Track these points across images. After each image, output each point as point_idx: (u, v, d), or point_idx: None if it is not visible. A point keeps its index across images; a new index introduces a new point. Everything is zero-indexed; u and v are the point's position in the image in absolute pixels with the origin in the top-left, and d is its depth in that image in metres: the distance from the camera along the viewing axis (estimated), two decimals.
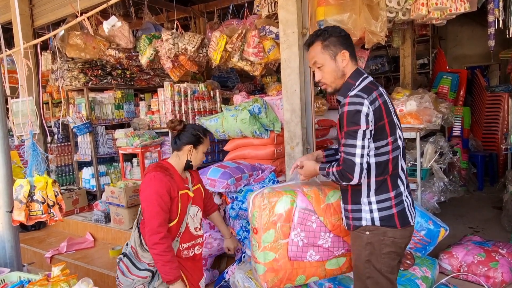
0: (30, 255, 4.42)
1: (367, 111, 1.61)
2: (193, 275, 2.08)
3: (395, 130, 1.70)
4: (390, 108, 1.72)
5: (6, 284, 1.90)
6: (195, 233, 2.09)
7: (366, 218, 1.73)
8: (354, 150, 1.62)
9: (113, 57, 4.86)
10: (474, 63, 7.34)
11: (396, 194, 1.71)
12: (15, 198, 2.19)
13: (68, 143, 5.70)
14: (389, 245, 1.72)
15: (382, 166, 1.69)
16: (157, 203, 1.86)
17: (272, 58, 3.85)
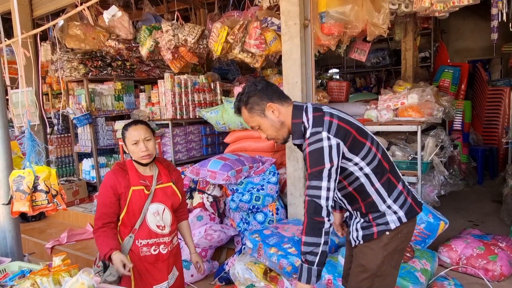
0: (31, 246, 4.44)
1: (328, 144, 1.52)
2: (147, 278, 2.03)
3: (366, 132, 1.66)
4: (347, 117, 1.66)
5: (7, 274, 1.90)
6: (159, 231, 2.04)
7: (393, 220, 1.65)
8: (319, 192, 1.52)
9: (113, 48, 4.83)
10: (476, 57, 7.31)
11: (403, 184, 1.72)
12: (16, 189, 2.18)
13: (68, 135, 5.69)
14: (403, 242, 1.70)
15: (379, 168, 1.64)
16: (99, 196, 2.02)
17: (274, 50, 3.82)
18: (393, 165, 1.72)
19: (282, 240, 2.73)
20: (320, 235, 1.52)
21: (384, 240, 1.66)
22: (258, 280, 2.67)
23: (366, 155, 1.61)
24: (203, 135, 5.03)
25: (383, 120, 3.51)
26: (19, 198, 2.18)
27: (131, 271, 1.97)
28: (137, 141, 1.98)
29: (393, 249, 1.68)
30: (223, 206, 3.63)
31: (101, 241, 1.94)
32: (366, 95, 5.77)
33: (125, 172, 2.02)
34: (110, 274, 1.95)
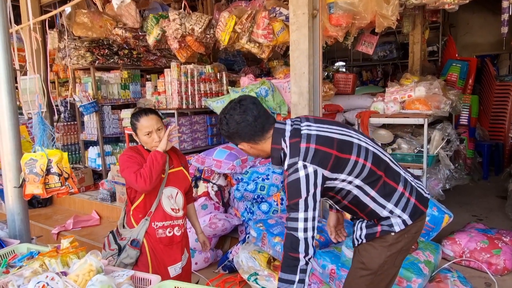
0: (38, 231, 4.49)
1: (304, 173, 1.46)
2: (163, 259, 2.08)
3: (350, 145, 1.56)
4: (328, 133, 1.56)
5: (16, 255, 1.94)
6: (173, 214, 2.08)
7: (398, 223, 1.60)
8: (295, 224, 1.48)
9: (120, 36, 4.83)
10: (484, 52, 7.23)
11: (404, 184, 1.62)
12: (29, 172, 2.20)
13: (74, 122, 5.73)
14: (410, 241, 1.67)
15: (371, 177, 1.56)
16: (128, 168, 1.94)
17: (281, 40, 3.81)
18: (389, 167, 1.62)
19: None
20: (295, 273, 1.49)
21: (389, 240, 1.62)
22: (262, 269, 2.70)
23: (353, 169, 1.54)
24: (208, 125, 5.04)
25: (389, 112, 3.50)
26: (33, 181, 2.21)
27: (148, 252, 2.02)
28: (150, 132, 1.99)
29: (399, 250, 1.64)
30: (227, 196, 3.65)
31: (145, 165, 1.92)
32: (373, 88, 5.75)
33: (141, 155, 2.04)
34: (127, 256, 2.00)
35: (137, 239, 2.02)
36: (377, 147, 1.67)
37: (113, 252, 2.06)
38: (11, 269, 1.82)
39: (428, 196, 1.70)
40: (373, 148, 1.62)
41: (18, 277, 1.59)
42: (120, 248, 2.05)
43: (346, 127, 1.66)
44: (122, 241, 2.06)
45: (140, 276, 1.64)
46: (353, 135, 1.62)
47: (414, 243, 1.77)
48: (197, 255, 3.23)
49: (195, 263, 3.20)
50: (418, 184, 1.71)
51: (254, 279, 2.64)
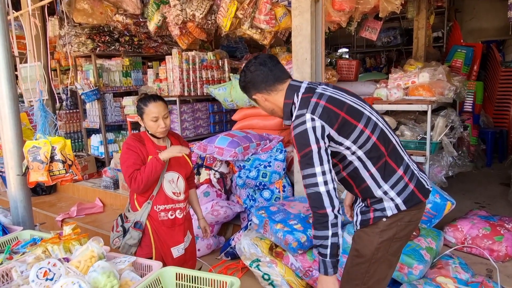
0: (42, 218, 4.53)
1: (312, 125, 1.46)
2: (166, 240, 2.14)
3: (360, 113, 1.56)
4: (341, 98, 1.58)
5: (19, 242, 1.95)
6: (175, 197, 2.15)
7: (391, 207, 1.58)
8: (315, 180, 1.47)
9: (121, 23, 4.78)
10: (490, 37, 7.11)
11: (405, 169, 1.60)
12: (33, 159, 2.21)
13: (76, 110, 5.73)
14: (403, 230, 1.63)
15: (374, 152, 1.55)
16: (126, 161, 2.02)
17: (283, 26, 3.76)
18: (394, 149, 1.60)
19: (288, 217, 2.75)
20: (327, 228, 1.49)
21: (380, 226, 1.61)
22: (264, 255, 2.71)
23: (358, 138, 1.52)
24: (210, 112, 5.02)
25: (393, 99, 3.46)
26: (37, 168, 2.22)
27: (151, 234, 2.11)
28: (157, 118, 2.05)
29: (391, 237, 1.62)
30: (229, 183, 3.65)
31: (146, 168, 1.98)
32: (376, 75, 5.69)
33: (142, 142, 2.11)
34: (130, 237, 2.09)
35: (140, 221, 2.10)
36: (387, 126, 1.66)
37: (119, 233, 2.16)
38: (14, 255, 1.83)
39: (429, 188, 1.67)
40: (382, 125, 1.61)
41: (21, 263, 1.61)
42: (125, 230, 2.14)
43: (362, 100, 1.66)
44: (126, 224, 2.14)
45: (141, 262, 1.65)
46: (365, 107, 1.62)
47: (410, 234, 1.70)
48: (200, 241, 3.26)
49: (197, 250, 3.22)
50: (421, 175, 1.68)
51: (256, 266, 2.66)
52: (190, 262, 2.30)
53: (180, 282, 1.55)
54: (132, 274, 1.53)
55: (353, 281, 1.70)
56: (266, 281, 2.61)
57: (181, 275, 1.55)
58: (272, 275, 2.59)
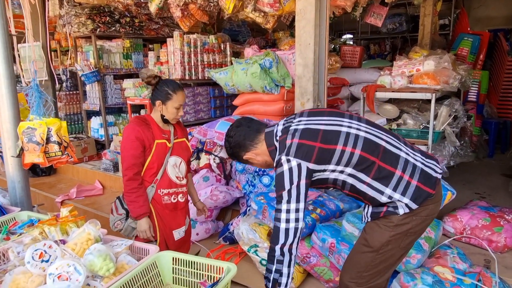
0: (41, 199, 4.55)
1: (288, 167, 1.51)
2: (169, 222, 2.20)
3: (337, 134, 1.55)
4: (316, 126, 1.57)
5: (17, 222, 1.94)
6: (178, 181, 2.20)
7: (402, 206, 1.56)
8: (279, 215, 1.54)
9: (121, 3, 4.68)
10: (497, 26, 6.98)
11: (404, 167, 1.55)
12: (28, 141, 2.18)
13: (76, 92, 5.68)
14: (419, 225, 1.61)
15: (363, 164, 1.54)
16: (126, 148, 2.05)
17: (287, 10, 3.68)
18: (385, 151, 1.56)
19: None
20: (272, 262, 1.56)
21: (394, 221, 1.59)
22: (262, 241, 2.71)
23: (340, 159, 1.53)
24: (211, 97, 4.97)
25: (396, 86, 3.41)
26: (33, 150, 2.20)
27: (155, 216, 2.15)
28: (180, 106, 2.11)
29: (404, 231, 1.60)
30: (229, 168, 3.64)
31: (134, 199, 2.06)
32: (380, 62, 5.61)
33: (148, 125, 2.12)
34: (133, 221, 2.13)
35: None
36: (373, 131, 1.61)
37: (121, 216, 2.19)
38: (11, 236, 1.83)
39: (438, 176, 1.61)
40: (366, 134, 1.58)
41: (18, 244, 1.60)
42: (128, 212, 2.16)
43: (341, 116, 1.64)
44: None
45: (138, 246, 1.65)
46: (343, 124, 1.59)
47: (425, 228, 1.67)
48: (199, 226, 3.26)
49: (196, 234, 3.23)
50: (427, 163, 1.62)
51: (254, 251, 2.66)
52: (187, 244, 2.37)
53: (176, 267, 1.54)
54: (128, 258, 1.53)
55: (356, 268, 1.72)
56: (264, 267, 2.62)
57: (177, 259, 1.54)
58: None
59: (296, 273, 2.60)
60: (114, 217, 2.21)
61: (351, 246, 2.42)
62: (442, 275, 2.19)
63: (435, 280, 2.13)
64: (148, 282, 1.47)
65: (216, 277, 1.46)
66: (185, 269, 1.53)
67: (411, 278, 2.16)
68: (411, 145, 1.72)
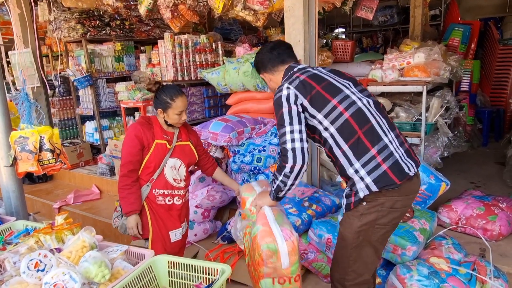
0: (39, 206, 4.55)
1: (286, 93, 1.64)
2: (165, 223, 2.22)
3: (338, 90, 1.66)
4: (326, 76, 1.72)
5: (13, 232, 1.95)
6: (175, 184, 2.21)
7: (362, 188, 1.60)
8: (284, 138, 1.61)
9: (111, 6, 4.67)
10: (488, 15, 7.00)
11: (380, 149, 1.59)
12: (21, 150, 2.19)
13: (69, 97, 5.66)
14: (385, 216, 1.63)
15: (346, 129, 1.60)
16: (124, 146, 2.10)
17: (277, 7, 3.67)
18: (372, 128, 1.61)
19: (283, 201, 2.75)
20: (280, 173, 1.67)
21: (360, 210, 1.64)
22: None
23: (329, 112, 1.62)
24: (205, 97, 4.97)
25: (387, 80, 3.42)
26: (26, 159, 2.20)
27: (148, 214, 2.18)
28: (182, 111, 2.12)
29: (371, 221, 1.63)
30: (225, 168, 3.64)
31: (125, 195, 2.09)
32: (372, 55, 5.61)
33: (151, 125, 2.16)
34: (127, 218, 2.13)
35: None
36: (371, 108, 1.69)
37: (118, 213, 2.23)
38: (8, 246, 1.83)
39: (410, 174, 1.63)
40: (363, 106, 1.66)
41: (14, 254, 1.61)
42: None
43: (354, 84, 1.75)
44: None
45: (134, 251, 1.66)
46: (349, 87, 1.71)
47: (395, 222, 1.68)
48: (196, 226, 3.27)
49: (194, 235, 3.24)
50: (405, 160, 1.64)
51: None
52: (182, 249, 2.40)
53: (172, 270, 1.55)
54: (124, 263, 1.54)
55: (340, 263, 1.77)
56: None
57: (173, 262, 1.56)
58: None
59: None
60: (114, 214, 2.28)
61: None
62: (438, 265, 2.21)
63: (431, 271, 2.15)
64: (144, 286, 1.48)
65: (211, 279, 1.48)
66: (180, 272, 1.54)
67: (407, 270, 2.18)
68: (402, 140, 1.72)
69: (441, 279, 2.09)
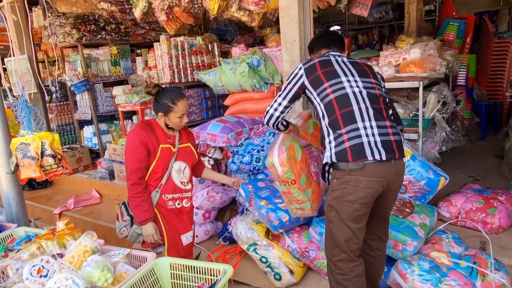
0: (39, 212, 4.55)
1: (296, 71, 1.98)
2: (176, 227, 2.22)
3: (335, 76, 1.91)
4: (336, 63, 1.96)
5: (14, 239, 1.96)
6: (182, 187, 2.22)
7: (327, 156, 1.88)
8: (273, 102, 2.01)
9: (106, 10, 4.67)
10: (483, 8, 7.02)
11: (349, 130, 1.81)
12: (23, 156, 2.20)
13: (67, 102, 5.66)
14: (351, 194, 1.80)
15: (330, 108, 1.88)
16: (130, 153, 2.06)
17: (272, 7, 3.68)
18: (350, 113, 1.83)
19: (274, 195, 2.73)
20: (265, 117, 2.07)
21: (332, 186, 1.88)
22: (261, 239, 2.73)
23: (320, 93, 1.91)
24: (202, 98, 4.98)
25: (384, 76, 3.42)
26: (28, 165, 2.21)
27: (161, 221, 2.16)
28: (183, 115, 2.12)
29: (338, 197, 1.83)
30: (224, 169, 3.65)
31: (139, 203, 2.07)
32: (368, 52, 5.62)
33: (153, 130, 2.13)
34: (138, 226, 2.12)
35: None
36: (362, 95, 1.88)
37: (126, 223, 2.16)
38: (9, 253, 1.84)
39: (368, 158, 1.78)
40: (352, 92, 1.88)
41: (16, 260, 1.62)
42: (132, 218, 2.15)
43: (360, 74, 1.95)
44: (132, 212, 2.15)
45: (136, 254, 1.66)
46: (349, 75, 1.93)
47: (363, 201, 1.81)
48: (198, 228, 3.28)
49: (196, 236, 3.25)
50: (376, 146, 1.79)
51: (254, 249, 2.68)
52: (192, 250, 2.39)
53: (174, 272, 1.56)
54: (126, 267, 1.55)
55: (326, 240, 1.99)
56: (264, 264, 2.64)
57: (175, 264, 1.56)
58: (269, 257, 2.62)
59: (297, 268, 2.63)
60: (120, 223, 2.20)
61: None
62: (439, 260, 2.22)
63: (432, 266, 2.17)
64: None
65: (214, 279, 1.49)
66: (182, 273, 1.55)
67: (408, 265, 2.19)
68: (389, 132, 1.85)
69: (442, 273, 2.10)
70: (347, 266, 1.89)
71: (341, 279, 1.90)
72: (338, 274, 1.91)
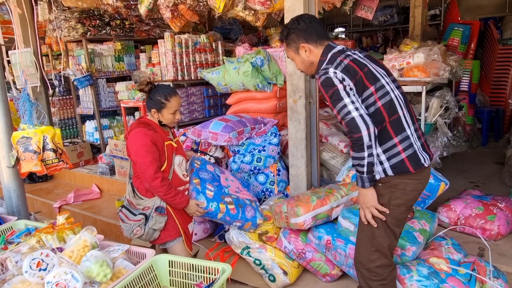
0: (39, 205, 4.56)
1: (334, 75, 1.67)
2: (184, 217, 2.29)
3: (376, 78, 1.72)
4: (364, 61, 1.75)
5: (14, 231, 1.96)
6: (184, 179, 2.30)
7: (379, 171, 1.74)
8: (346, 109, 1.64)
9: (111, 6, 4.67)
10: (488, 14, 7.01)
11: (402, 139, 1.72)
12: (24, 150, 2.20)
13: (70, 96, 5.67)
14: (399, 197, 1.75)
15: (377, 116, 1.70)
16: (147, 154, 2.05)
17: (278, 7, 3.68)
18: (398, 119, 1.71)
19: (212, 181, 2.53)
20: (363, 150, 1.66)
21: (378, 190, 1.77)
22: (253, 242, 2.71)
23: (366, 99, 1.69)
24: (205, 96, 4.97)
25: None
26: (30, 159, 2.21)
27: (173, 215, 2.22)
28: (176, 111, 2.15)
29: (385, 203, 1.75)
30: (225, 168, 3.65)
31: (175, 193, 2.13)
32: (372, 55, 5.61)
33: (154, 130, 2.16)
34: (155, 222, 2.14)
35: (161, 206, 2.16)
36: (401, 101, 1.76)
37: (140, 222, 2.15)
38: (9, 246, 1.84)
39: (424, 164, 1.76)
40: (395, 97, 1.73)
41: (16, 253, 1.62)
42: (147, 217, 2.15)
43: (385, 70, 1.81)
44: (146, 211, 2.16)
45: (135, 250, 1.67)
46: (384, 77, 1.75)
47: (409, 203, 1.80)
48: (197, 226, 3.28)
49: (194, 234, 3.25)
50: (421, 152, 1.77)
51: (247, 253, 2.68)
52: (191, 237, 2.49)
53: (173, 269, 1.56)
54: (125, 262, 1.55)
55: (362, 247, 1.89)
56: (258, 266, 2.65)
57: (173, 262, 1.57)
58: (262, 259, 2.63)
59: (291, 269, 2.63)
60: (130, 224, 2.16)
61: (347, 242, 2.45)
62: (437, 266, 2.22)
63: (430, 272, 2.16)
64: (145, 285, 1.49)
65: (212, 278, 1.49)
66: (181, 271, 1.55)
67: (407, 270, 2.19)
68: (420, 134, 1.84)
69: (441, 279, 2.10)
70: (386, 271, 1.86)
71: (379, 284, 1.86)
72: (375, 281, 1.86)
